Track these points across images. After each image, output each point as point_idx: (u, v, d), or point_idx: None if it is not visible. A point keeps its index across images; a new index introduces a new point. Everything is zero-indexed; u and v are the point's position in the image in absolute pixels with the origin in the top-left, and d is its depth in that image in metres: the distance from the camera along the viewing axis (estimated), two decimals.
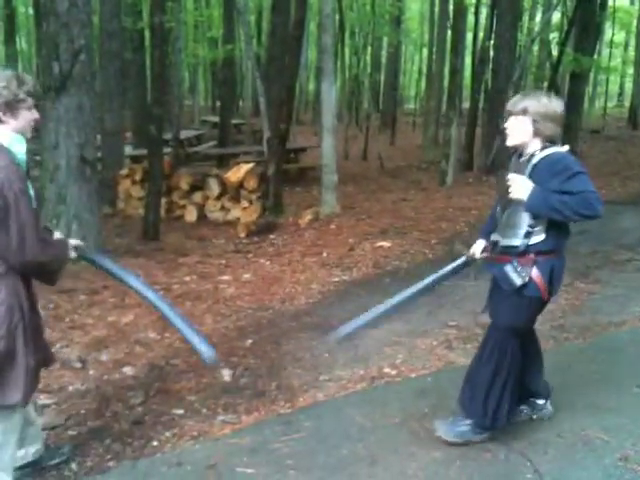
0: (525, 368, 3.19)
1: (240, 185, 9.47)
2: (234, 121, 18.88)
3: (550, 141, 2.91)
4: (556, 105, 2.91)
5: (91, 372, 4.13)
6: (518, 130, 2.92)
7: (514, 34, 13.07)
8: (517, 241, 2.95)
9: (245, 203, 9.51)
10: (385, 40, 24.92)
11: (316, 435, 3.31)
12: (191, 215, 9.76)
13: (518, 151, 3.04)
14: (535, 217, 2.88)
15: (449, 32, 15.20)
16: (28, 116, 2.60)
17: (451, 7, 13.88)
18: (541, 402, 3.37)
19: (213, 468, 3.04)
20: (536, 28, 19.05)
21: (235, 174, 9.54)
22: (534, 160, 2.88)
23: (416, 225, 8.19)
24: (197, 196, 9.82)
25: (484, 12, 16.46)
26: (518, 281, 2.92)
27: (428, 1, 22.76)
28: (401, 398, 3.69)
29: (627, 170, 13.54)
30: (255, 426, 3.47)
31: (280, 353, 4.43)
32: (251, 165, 9.89)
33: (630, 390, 3.67)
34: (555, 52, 16.71)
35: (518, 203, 2.90)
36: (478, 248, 3.41)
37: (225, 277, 6.16)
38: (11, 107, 2.53)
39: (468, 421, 3.14)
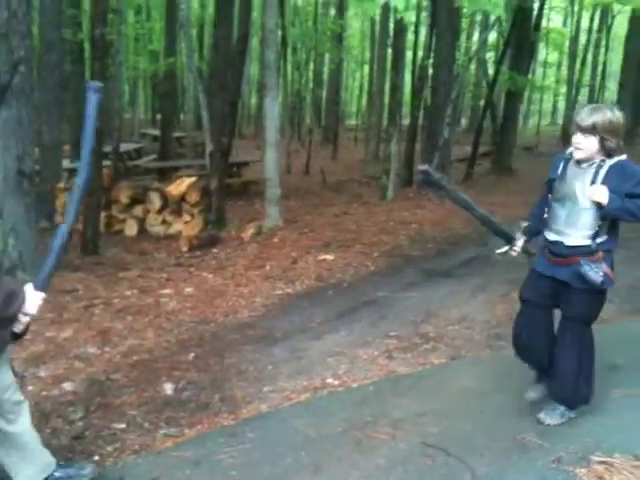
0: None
1: (182, 199, 9.41)
2: (175, 134, 18.72)
3: (613, 151, 3.19)
4: (620, 119, 3.20)
5: (30, 388, 4.04)
6: (587, 146, 3.18)
7: (452, 53, 13.42)
8: (587, 241, 3.24)
9: (187, 217, 9.46)
10: (327, 56, 25.21)
11: (260, 446, 3.32)
12: (131, 229, 9.64)
13: (572, 159, 3.30)
14: (602, 219, 3.20)
15: (389, 50, 15.53)
16: None
17: (391, 25, 14.17)
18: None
19: None
20: (473, 47, 19.68)
21: (177, 187, 9.49)
22: (604, 168, 3.18)
23: (358, 238, 8.29)
24: (137, 210, 9.71)
25: (423, 31, 16.85)
26: (598, 279, 3.17)
27: (369, 19, 23.16)
28: (344, 407, 3.74)
29: None
30: (198, 439, 3.46)
31: (223, 366, 4.43)
32: (193, 179, 9.85)
33: None
34: (491, 71, 17.24)
35: (583, 206, 3.22)
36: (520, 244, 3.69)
37: (167, 291, 6.12)
38: None
39: (563, 407, 3.44)
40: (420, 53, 15.77)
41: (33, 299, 2.50)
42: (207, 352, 4.65)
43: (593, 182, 3.18)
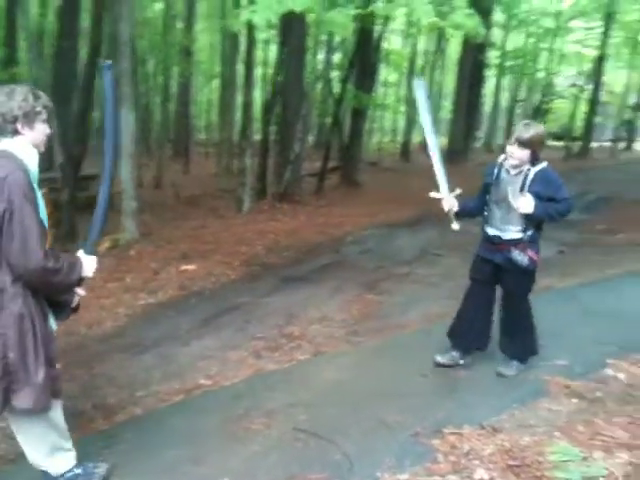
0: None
1: None
2: None
3: (538, 160, 3.90)
4: (545, 133, 3.99)
5: None
6: (520, 156, 3.85)
7: (301, 70, 13.95)
8: (519, 234, 3.97)
9: None
10: (175, 70, 25.02)
11: (138, 445, 3.43)
12: None
13: (504, 166, 3.99)
14: (529, 218, 3.89)
15: (239, 65, 15.83)
16: (42, 129, 2.70)
17: (242, 41, 14.48)
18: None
19: None
20: (319, 66, 20.49)
21: None
22: (531, 174, 3.86)
23: (217, 249, 8.46)
24: None
25: (273, 49, 17.34)
26: (524, 262, 3.94)
27: (219, 34, 23.31)
28: (218, 404, 3.92)
29: (401, 197, 14.97)
30: (76, 444, 3.48)
31: (92, 374, 4.45)
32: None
33: (416, 378, 4.24)
34: (337, 89, 18.05)
35: (515, 208, 3.88)
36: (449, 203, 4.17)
37: None
38: (29, 119, 2.63)
39: (515, 361, 4.23)
40: (269, 70, 16.19)
41: (88, 263, 2.82)
42: (73, 362, 4.63)
43: (522, 187, 3.88)
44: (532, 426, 3.55)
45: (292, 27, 13.26)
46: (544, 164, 3.92)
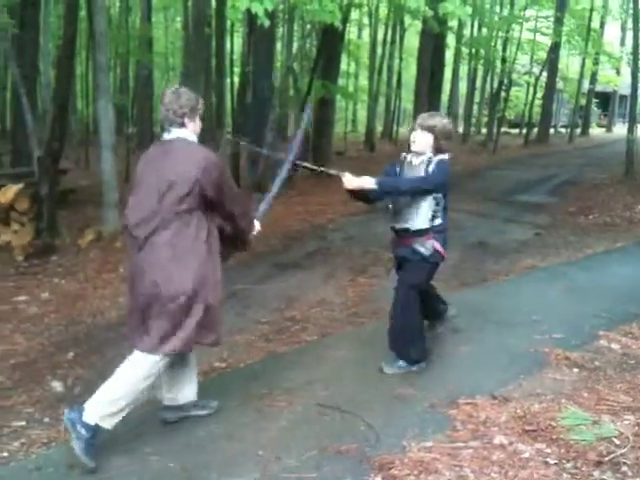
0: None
1: (10, 207, 8.96)
2: None
3: (441, 150, 3.89)
4: (451, 126, 3.99)
5: None
6: (422, 141, 3.89)
7: (271, 60, 14.01)
8: (426, 224, 3.89)
9: (16, 226, 9.01)
10: (132, 62, 24.64)
11: (167, 425, 3.53)
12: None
13: (409, 155, 3.98)
14: (436, 205, 3.87)
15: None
16: (199, 123, 3.27)
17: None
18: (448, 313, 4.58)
19: (75, 468, 3.11)
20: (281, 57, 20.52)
21: (3, 195, 9.00)
22: (432, 164, 3.84)
23: None
24: None
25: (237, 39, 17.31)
26: (427, 252, 3.89)
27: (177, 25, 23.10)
28: (237, 385, 4.04)
29: None
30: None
31: (106, 362, 4.50)
32: (20, 186, 9.39)
33: None
34: (303, 79, 18.11)
35: (419, 198, 3.85)
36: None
37: (22, 297, 5.95)
38: (194, 113, 3.20)
39: (401, 362, 4.10)
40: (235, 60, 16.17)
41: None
42: (86, 351, 4.71)
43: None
44: (540, 394, 3.79)
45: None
46: (446, 155, 3.92)
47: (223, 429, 3.47)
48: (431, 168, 3.84)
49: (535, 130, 28.70)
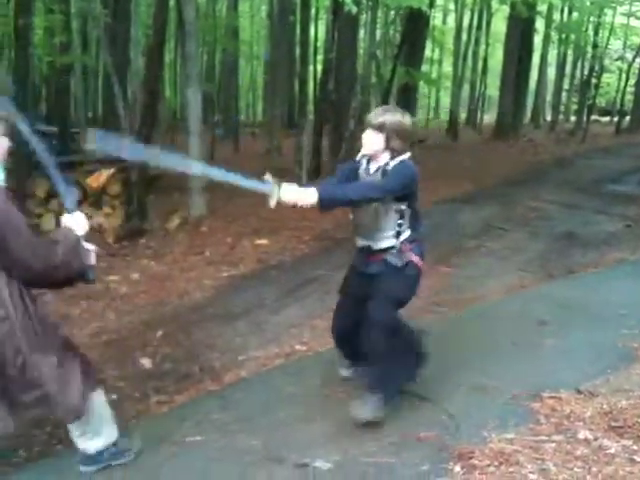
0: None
1: (102, 191, 9.37)
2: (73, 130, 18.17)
3: (397, 152, 3.24)
4: (409, 123, 3.27)
5: None
6: (374, 142, 3.23)
7: (355, 47, 13.98)
8: (392, 241, 3.30)
9: (108, 209, 9.42)
10: (219, 50, 25.12)
11: (251, 404, 3.63)
12: (49, 223, 9.46)
13: (365, 158, 3.37)
14: (401, 217, 3.27)
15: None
16: (3, 143, 2.46)
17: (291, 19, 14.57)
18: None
19: (165, 440, 3.24)
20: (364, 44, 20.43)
21: (97, 180, 9.43)
22: (389, 170, 3.22)
23: (284, 225, 8.63)
24: (54, 204, 9.55)
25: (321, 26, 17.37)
26: (399, 264, 3.29)
27: (267, 15, 23.36)
28: (317, 369, 4.10)
29: (454, 174, 14.96)
30: (191, 403, 3.73)
31: (193, 341, 4.68)
32: (112, 170, 9.80)
33: (506, 347, 4.36)
34: (386, 67, 18.00)
35: (381, 211, 3.24)
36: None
37: (113, 277, 6.22)
38: None
39: (374, 397, 3.32)
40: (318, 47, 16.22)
41: (77, 221, 2.61)
42: (173, 329, 4.88)
43: None
44: (627, 390, 3.65)
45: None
46: (405, 156, 3.25)
47: (303, 411, 3.52)
48: (388, 175, 3.21)
49: (627, 118, 27.45)
